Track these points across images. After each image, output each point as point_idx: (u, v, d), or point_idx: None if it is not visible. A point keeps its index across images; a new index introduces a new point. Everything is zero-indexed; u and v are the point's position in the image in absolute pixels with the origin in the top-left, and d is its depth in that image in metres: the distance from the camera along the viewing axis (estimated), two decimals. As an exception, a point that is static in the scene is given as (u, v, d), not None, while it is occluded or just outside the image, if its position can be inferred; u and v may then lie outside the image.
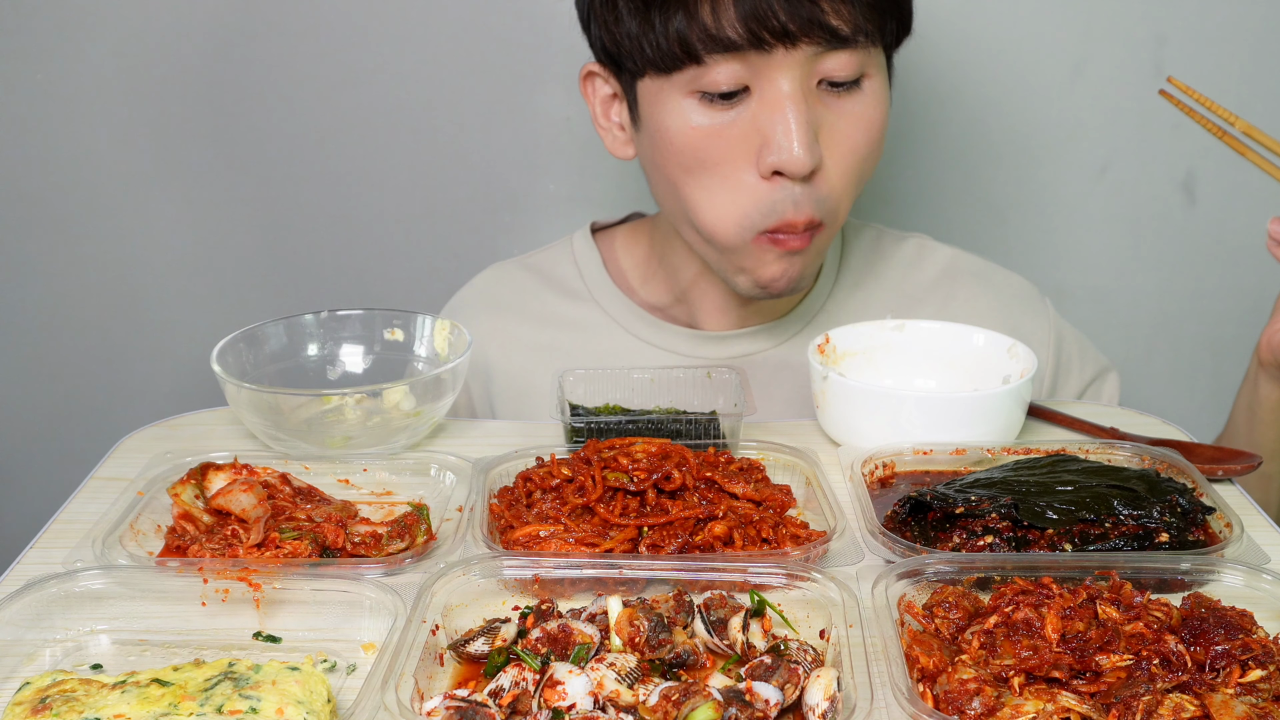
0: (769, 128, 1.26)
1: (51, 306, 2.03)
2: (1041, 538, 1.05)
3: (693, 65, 1.25)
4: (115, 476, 1.22)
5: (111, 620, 0.98)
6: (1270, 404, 1.43)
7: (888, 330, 1.40)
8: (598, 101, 1.41)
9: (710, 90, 1.26)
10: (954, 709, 0.83)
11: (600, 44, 1.34)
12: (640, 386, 1.35)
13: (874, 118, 1.32)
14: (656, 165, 1.35)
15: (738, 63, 1.24)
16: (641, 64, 1.28)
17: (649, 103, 1.32)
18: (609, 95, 1.40)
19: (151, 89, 1.88)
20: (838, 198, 1.32)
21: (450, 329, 1.39)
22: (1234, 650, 0.87)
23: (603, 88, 1.40)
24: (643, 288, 1.55)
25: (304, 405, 1.25)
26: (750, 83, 1.26)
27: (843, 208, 1.34)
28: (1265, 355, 1.40)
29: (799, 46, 1.23)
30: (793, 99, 1.24)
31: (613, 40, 1.30)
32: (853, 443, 1.26)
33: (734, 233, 1.32)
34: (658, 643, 0.91)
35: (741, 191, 1.29)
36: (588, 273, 1.55)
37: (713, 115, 1.27)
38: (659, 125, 1.31)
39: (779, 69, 1.24)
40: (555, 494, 1.12)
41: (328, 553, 1.06)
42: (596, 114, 1.42)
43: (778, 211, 1.29)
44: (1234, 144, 1.32)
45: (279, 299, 1.99)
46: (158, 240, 1.98)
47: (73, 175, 1.94)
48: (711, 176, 1.30)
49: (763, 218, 1.30)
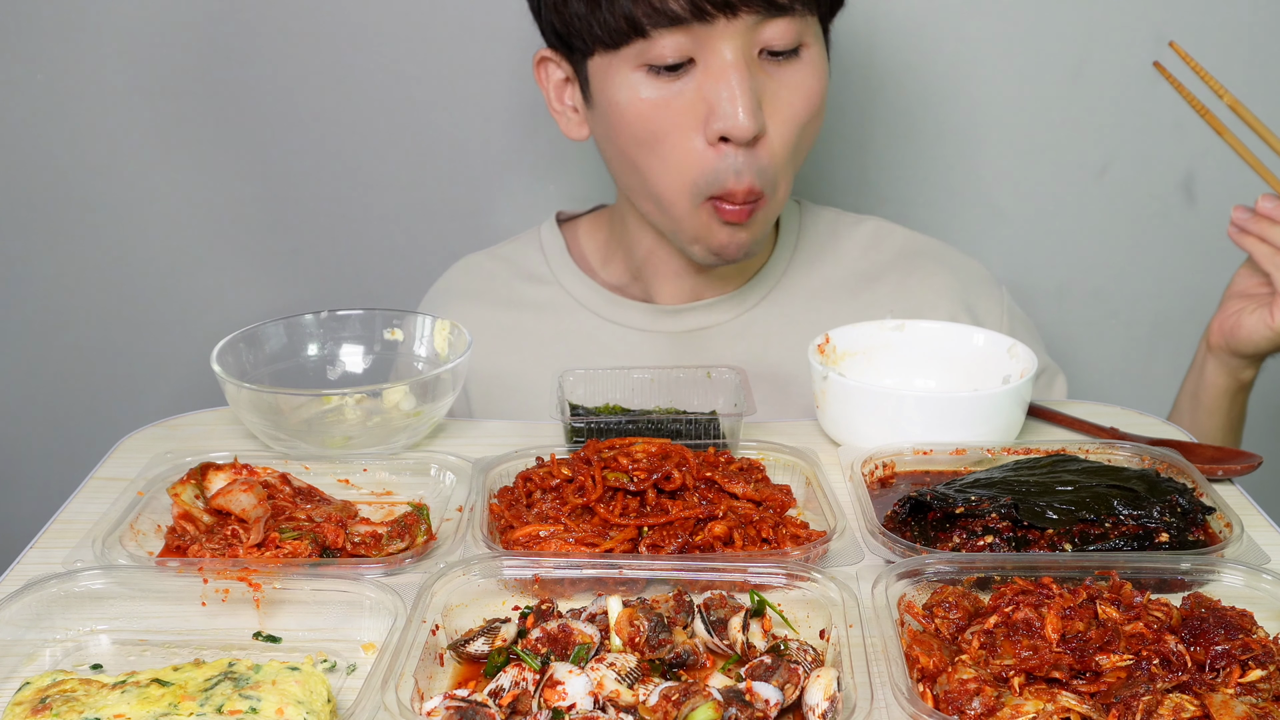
0: (714, 96, 1.31)
1: (52, 306, 2.03)
2: (1041, 538, 1.05)
3: (639, 39, 1.30)
4: (115, 476, 1.22)
5: (111, 620, 0.98)
6: (1215, 390, 1.48)
7: (888, 330, 1.40)
8: (551, 86, 1.47)
9: (657, 63, 1.31)
10: (954, 709, 0.83)
11: (550, 27, 1.40)
12: (640, 386, 1.35)
13: (813, 86, 1.37)
14: (610, 140, 1.41)
15: (682, 34, 1.29)
16: (590, 42, 1.34)
17: (599, 80, 1.37)
18: (561, 80, 1.46)
19: (150, 89, 1.88)
20: (779, 166, 1.37)
21: (450, 329, 1.39)
22: (1234, 650, 0.87)
23: (555, 72, 1.46)
24: (603, 269, 1.61)
25: (304, 405, 1.25)
26: (695, 54, 1.31)
27: (783, 179, 1.39)
28: (1215, 340, 1.46)
29: (739, 16, 1.29)
30: (736, 67, 1.30)
31: (562, 21, 1.36)
32: (853, 443, 1.26)
33: (685, 199, 1.38)
34: (658, 643, 0.91)
35: (690, 158, 1.35)
36: (552, 257, 1.62)
37: (660, 87, 1.33)
38: (610, 101, 1.36)
39: (721, 39, 1.30)
40: (555, 494, 1.12)
41: (328, 553, 1.06)
42: (551, 98, 1.48)
43: (719, 180, 1.34)
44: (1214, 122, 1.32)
45: (279, 299, 1.99)
46: (158, 240, 1.98)
47: (72, 175, 1.94)
48: (662, 145, 1.35)
49: (708, 184, 1.35)
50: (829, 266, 1.59)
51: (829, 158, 1.91)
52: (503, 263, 1.64)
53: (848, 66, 1.85)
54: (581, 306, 1.58)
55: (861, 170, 1.93)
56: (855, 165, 1.92)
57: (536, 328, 1.58)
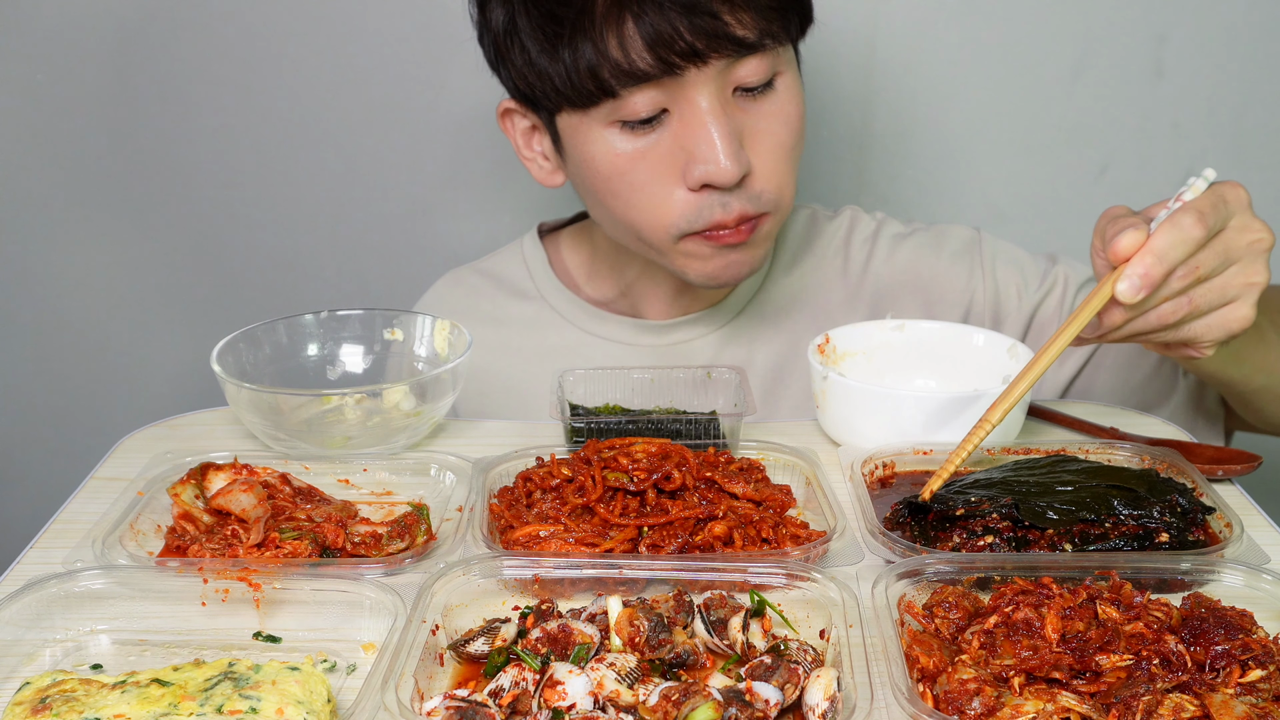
0: (693, 144, 1.28)
1: (52, 307, 2.03)
2: (1041, 538, 1.05)
3: (609, 99, 1.27)
4: (115, 476, 1.22)
5: (111, 620, 0.98)
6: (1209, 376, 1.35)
7: (888, 330, 1.40)
8: (518, 135, 1.45)
9: (630, 119, 1.29)
10: (954, 709, 0.83)
11: (512, 83, 1.37)
12: (640, 386, 1.35)
13: (792, 112, 1.35)
14: (588, 190, 1.39)
15: (653, 89, 1.26)
16: (557, 101, 1.32)
17: (570, 136, 1.35)
18: (528, 128, 1.43)
19: (149, 87, 1.88)
20: (775, 189, 1.34)
21: (450, 329, 1.39)
22: (1234, 650, 0.87)
23: (521, 122, 1.43)
24: (587, 284, 1.60)
25: (304, 405, 1.25)
26: (668, 105, 1.28)
27: (785, 194, 1.37)
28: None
29: (709, 63, 1.25)
30: (713, 113, 1.27)
31: (525, 81, 1.33)
32: (853, 443, 1.26)
33: (669, 239, 1.35)
34: (658, 643, 0.91)
35: (671, 205, 1.32)
36: (536, 272, 1.61)
37: (635, 140, 1.30)
38: (584, 156, 1.34)
39: (693, 87, 1.27)
40: (555, 494, 1.12)
41: (328, 553, 1.06)
42: (519, 146, 1.46)
43: (704, 216, 1.32)
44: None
45: (279, 299, 1.99)
46: (158, 240, 1.98)
47: (72, 176, 1.94)
48: (640, 196, 1.33)
49: (688, 224, 1.33)
50: (809, 266, 1.58)
51: (829, 158, 1.91)
52: (487, 278, 1.64)
53: (847, 68, 1.85)
54: (566, 321, 1.57)
55: (861, 170, 1.93)
56: (855, 165, 1.92)
57: (522, 343, 1.57)
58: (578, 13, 1.24)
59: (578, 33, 1.24)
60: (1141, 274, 1.03)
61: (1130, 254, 1.04)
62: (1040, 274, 1.54)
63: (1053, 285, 1.53)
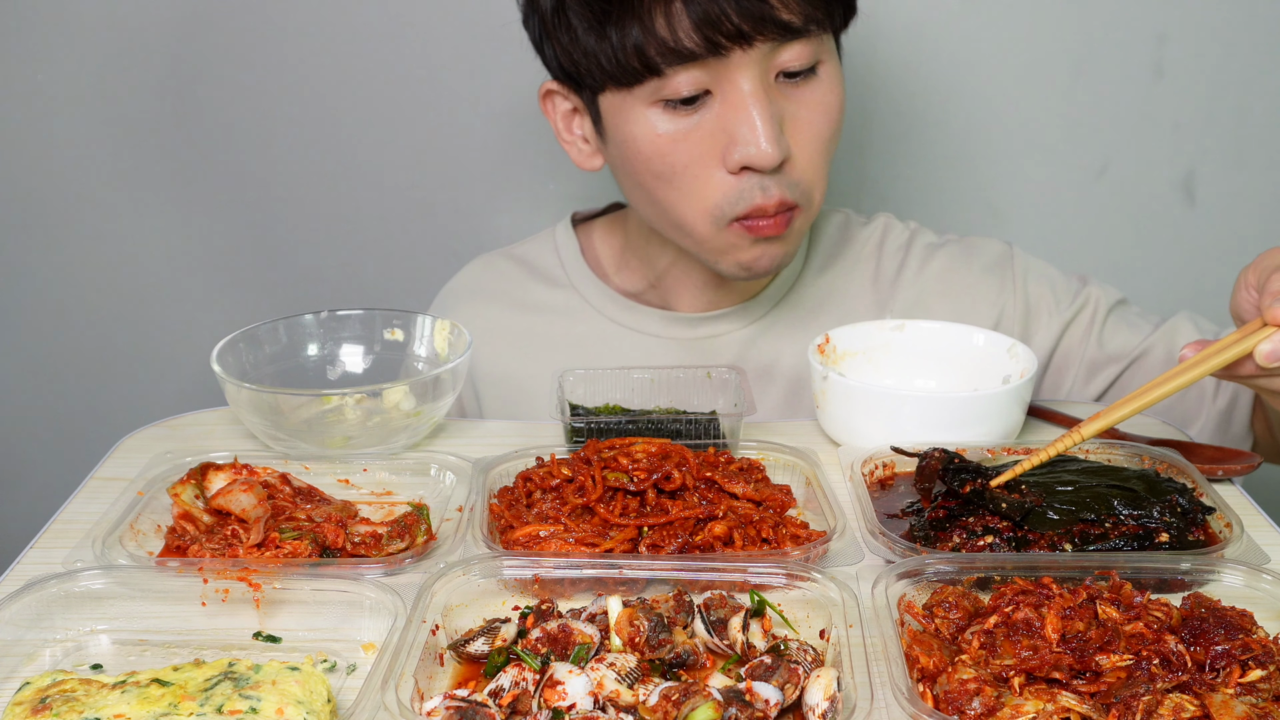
0: (734, 126, 1.29)
1: (52, 307, 2.03)
2: (1041, 538, 1.05)
3: (653, 78, 1.28)
4: (115, 476, 1.22)
5: (111, 620, 0.98)
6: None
7: (888, 330, 1.40)
8: (559, 117, 1.45)
9: (673, 98, 1.29)
10: (954, 709, 0.83)
11: (557, 63, 1.37)
12: (640, 386, 1.35)
13: (832, 102, 1.35)
14: (627, 173, 1.39)
15: (697, 69, 1.27)
16: (601, 80, 1.32)
17: (613, 115, 1.35)
18: (569, 110, 1.43)
19: (147, 89, 1.88)
20: (809, 181, 1.35)
21: (450, 329, 1.39)
22: (1234, 650, 0.87)
23: (562, 104, 1.43)
24: (617, 274, 1.60)
25: (304, 405, 1.25)
26: (711, 86, 1.29)
27: (816, 189, 1.37)
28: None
29: (754, 45, 1.26)
30: (755, 96, 1.28)
31: (570, 59, 1.34)
32: (853, 443, 1.26)
33: (709, 225, 1.35)
34: (658, 643, 0.91)
35: (711, 188, 1.33)
36: (567, 260, 1.60)
37: (677, 121, 1.31)
38: (625, 136, 1.34)
39: (737, 69, 1.27)
40: (555, 494, 1.12)
41: (328, 553, 1.06)
42: (559, 129, 1.46)
43: (746, 199, 1.32)
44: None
45: (279, 299, 1.99)
46: (157, 240, 1.98)
47: (71, 176, 1.94)
48: (681, 178, 1.33)
49: (732, 206, 1.33)
50: (841, 269, 1.58)
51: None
52: (517, 264, 1.63)
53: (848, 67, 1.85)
54: (596, 311, 1.57)
55: (861, 170, 1.93)
56: (855, 165, 1.92)
57: (550, 331, 1.57)
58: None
59: (626, 11, 1.25)
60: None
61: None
62: (1071, 293, 1.54)
63: (1083, 305, 1.53)
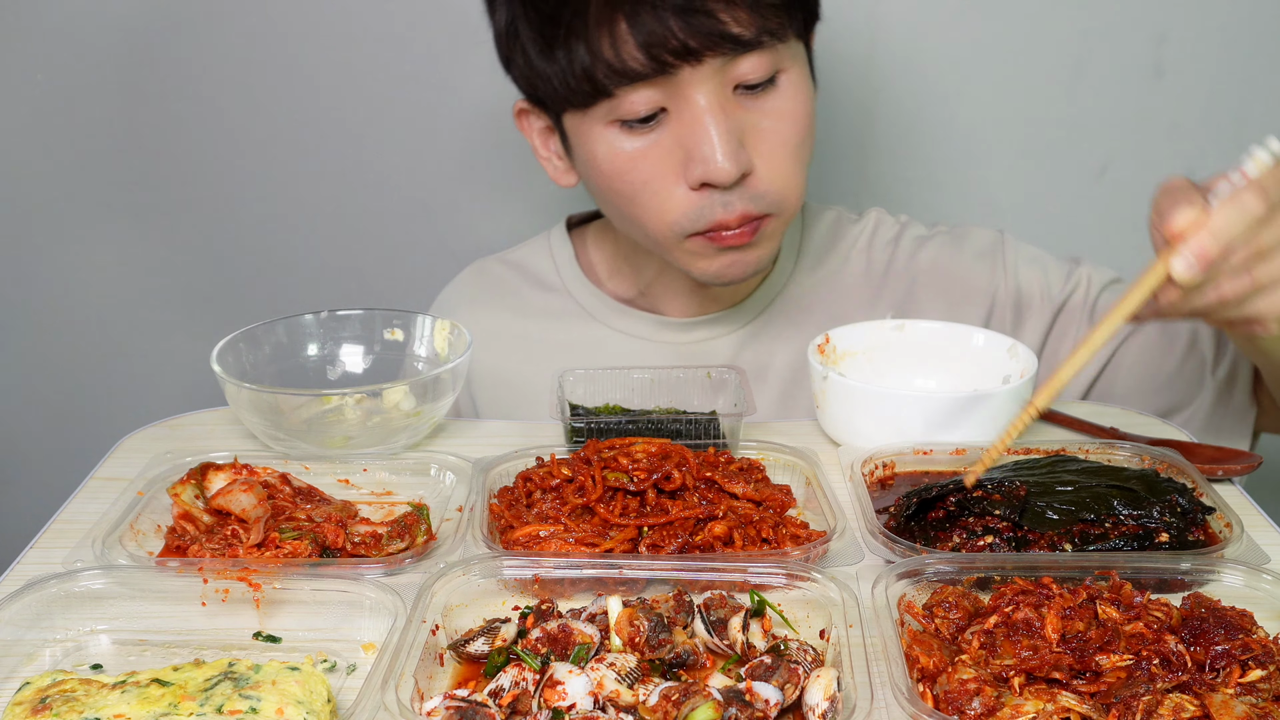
0: (691, 143, 1.28)
1: (52, 306, 2.03)
2: (1041, 538, 1.05)
3: (605, 99, 1.28)
4: (115, 476, 1.22)
5: (111, 620, 0.98)
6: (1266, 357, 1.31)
7: (888, 330, 1.40)
8: (535, 134, 1.46)
9: (629, 118, 1.29)
10: (954, 709, 0.83)
11: (522, 83, 1.38)
12: (640, 386, 1.35)
13: (796, 110, 1.33)
14: (595, 190, 1.41)
15: (649, 88, 1.26)
16: (558, 101, 1.33)
17: (575, 135, 1.36)
18: (544, 128, 1.44)
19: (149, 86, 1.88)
20: (778, 190, 1.34)
21: (450, 329, 1.39)
22: (1234, 650, 0.87)
23: (535, 122, 1.44)
24: (610, 280, 1.60)
25: (304, 405, 1.24)
26: (666, 104, 1.28)
27: (790, 195, 1.36)
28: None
29: (704, 62, 1.25)
30: (711, 112, 1.27)
31: (528, 81, 1.35)
32: (853, 443, 1.26)
33: (671, 238, 1.36)
34: (658, 643, 0.91)
35: (673, 204, 1.33)
36: (562, 266, 1.61)
37: (635, 140, 1.31)
38: (588, 154, 1.35)
39: (691, 85, 1.26)
40: (555, 494, 1.12)
41: (328, 553, 1.06)
42: (536, 146, 1.47)
43: (706, 215, 1.32)
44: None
45: (279, 299, 1.99)
46: (158, 240, 1.98)
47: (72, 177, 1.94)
48: (643, 195, 1.33)
49: (692, 223, 1.33)
50: (831, 268, 1.58)
51: (829, 158, 1.91)
52: (513, 269, 1.64)
53: (848, 66, 1.85)
54: (590, 316, 1.57)
55: (861, 170, 1.93)
56: (855, 165, 1.92)
57: (545, 335, 1.58)
58: (572, 14, 1.24)
59: (572, 34, 1.24)
60: (1198, 253, 0.99)
61: (1186, 231, 1.00)
62: (1064, 275, 1.53)
63: (1076, 286, 1.52)
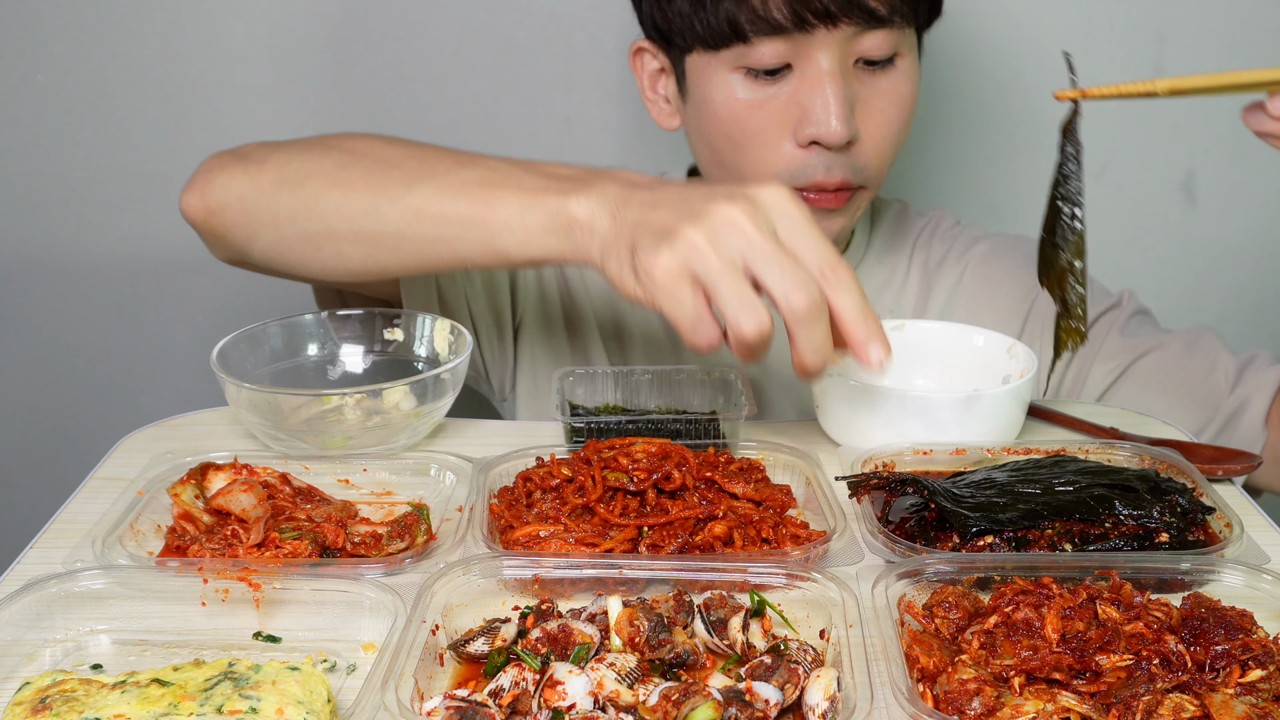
0: (808, 102, 1.34)
1: (51, 306, 2.03)
2: (1041, 538, 1.05)
3: (739, 44, 1.33)
4: (115, 476, 1.22)
5: (111, 620, 0.98)
6: None
7: (887, 330, 1.39)
8: (645, 75, 1.50)
9: (755, 66, 1.34)
10: (954, 709, 0.83)
11: (651, 20, 1.43)
12: (640, 386, 1.35)
13: (905, 93, 1.40)
14: (700, 134, 1.44)
15: (782, 42, 1.32)
16: (690, 41, 1.37)
17: (696, 76, 1.40)
18: (656, 70, 1.48)
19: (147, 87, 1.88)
20: (874, 167, 1.40)
21: (450, 329, 1.39)
22: (1234, 650, 0.87)
23: (650, 62, 1.48)
24: None
25: (304, 405, 1.24)
26: (792, 60, 1.34)
27: (882, 174, 1.42)
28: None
29: (839, 26, 1.31)
30: (832, 75, 1.33)
31: (664, 18, 1.39)
32: (853, 443, 1.26)
33: None
34: (658, 643, 0.91)
35: (779, 157, 1.38)
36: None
37: (756, 90, 1.36)
38: (705, 98, 1.39)
39: (819, 47, 1.32)
40: (555, 494, 1.12)
41: (328, 553, 1.06)
42: (645, 87, 1.51)
43: (809, 174, 1.37)
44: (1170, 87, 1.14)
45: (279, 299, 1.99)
46: (157, 240, 1.98)
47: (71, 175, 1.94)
48: (752, 144, 1.38)
49: (794, 179, 1.37)
50: (894, 260, 1.62)
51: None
52: None
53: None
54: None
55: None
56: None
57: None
58: None
59: None
60: None
61: None
62: (1103, 289, 1.58)
63: (1116, 302, 1.56)
